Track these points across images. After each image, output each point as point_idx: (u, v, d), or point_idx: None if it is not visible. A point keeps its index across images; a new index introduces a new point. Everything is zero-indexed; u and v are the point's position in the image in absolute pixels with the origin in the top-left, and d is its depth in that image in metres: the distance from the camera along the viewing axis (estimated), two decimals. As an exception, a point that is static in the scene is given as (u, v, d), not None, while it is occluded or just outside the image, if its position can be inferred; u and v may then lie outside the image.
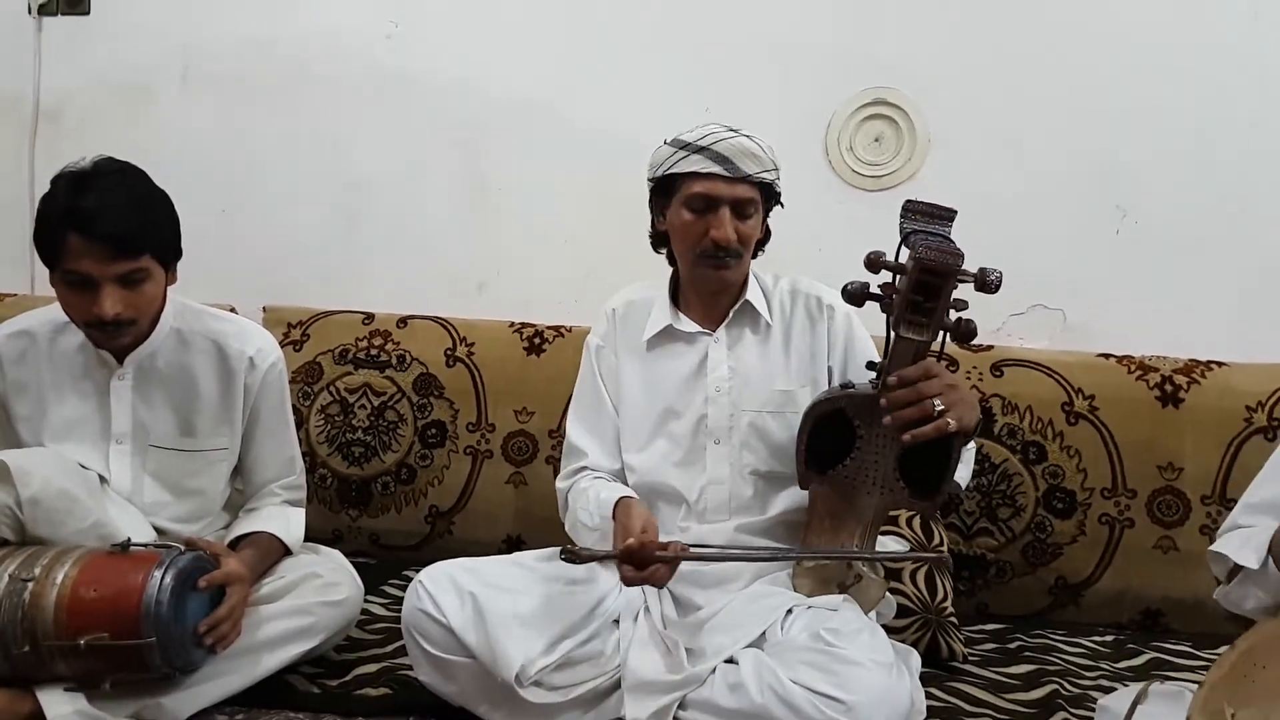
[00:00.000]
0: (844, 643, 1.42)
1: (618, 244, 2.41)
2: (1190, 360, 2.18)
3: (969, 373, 2.18)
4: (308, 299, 2.55)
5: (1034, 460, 2.14)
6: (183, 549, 1.56)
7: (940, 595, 1.89)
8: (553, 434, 2.30)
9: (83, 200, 1.52)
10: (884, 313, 1.44)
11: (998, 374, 2.20)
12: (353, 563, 1.84)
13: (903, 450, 1.49)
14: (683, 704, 1.44)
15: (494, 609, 1.52)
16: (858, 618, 1.53)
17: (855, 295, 1.44)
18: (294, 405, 1.96)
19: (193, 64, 2.64)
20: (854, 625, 1.49)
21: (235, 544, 1.73)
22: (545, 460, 2.30)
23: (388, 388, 2.38)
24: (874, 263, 1.41)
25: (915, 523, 1.98)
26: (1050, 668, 1.84)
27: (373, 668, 1.75)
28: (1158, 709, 1.35)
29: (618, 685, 1.52)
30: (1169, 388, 2.14)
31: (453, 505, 2.34)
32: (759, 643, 1.49)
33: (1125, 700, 1.39)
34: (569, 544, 1.49)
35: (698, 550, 1.53)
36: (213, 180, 2.61)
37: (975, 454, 1.61)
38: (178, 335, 1.73)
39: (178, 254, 1.65)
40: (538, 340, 2.38)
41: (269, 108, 2.62)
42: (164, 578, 1.48)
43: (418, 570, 1.62)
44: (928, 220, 1.44)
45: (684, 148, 1.63)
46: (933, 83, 2.35)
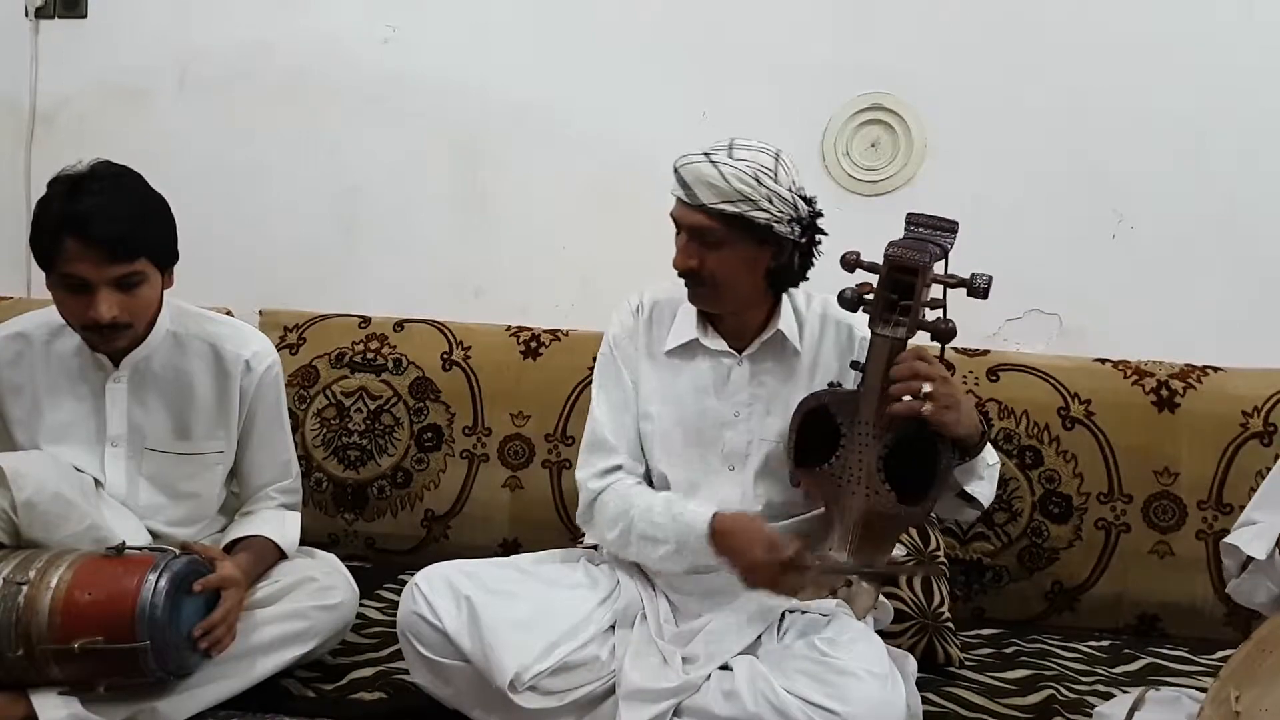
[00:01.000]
0: (839, 652, 1.42)
1: (615, 249, 2.42)
2: (1186, 365, 2.18)
3: (965, 377, 2.18)
4: (304, 302, 2.55)
5: (1030, 465, 2.14)
6: (178, 553, 1.56)
7: (937, 600, 1.88)
8: (549, 438, 2.30)
9: (79, 204, 1.52)
10: (864, 312, 1.49)
11: (994, 379, 2.19)
12: (348, 567, 1.83)
13: (886, 451, 1.49)
14: (677, 711, 1.43)
15: (489, 614, 1.52)
16: (853, 625, 1.52)
17: (850, 302, 1.49)
18: (290, 409, 1.96)
19: (190, 68, 2.64)
20: (849, 634, 1.48)
21: (230, 548, 1.73)
22: (541, 464, 2.30)
23: (384, 391, 2.38)
24: (850, 262, 1.48)
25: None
26: (1046, 673, 1.84)
27: (368, 672, 1.75)
28: (1155, 716, 1.35)
29: (613, 691, 1.51)
30: (1165, 392, 2.14)
31: (449, 509, 2.33)
32: (754, 648, 1.49)
33: (1122, 708, 1.39)
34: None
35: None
36: (209, 184, 2.60)
37: (997, 471, 1.60)
38: (174, 338, 1.73)
39: (174, 257, 1.65)
40: (534, 344, 2.37)
41: (266, 111, 2.61)
42: (159, 581, 1.47)
43: (413, 574, 1.61)
44: (930, 232, 1.47)
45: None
46: (929, 88, 2.35)
